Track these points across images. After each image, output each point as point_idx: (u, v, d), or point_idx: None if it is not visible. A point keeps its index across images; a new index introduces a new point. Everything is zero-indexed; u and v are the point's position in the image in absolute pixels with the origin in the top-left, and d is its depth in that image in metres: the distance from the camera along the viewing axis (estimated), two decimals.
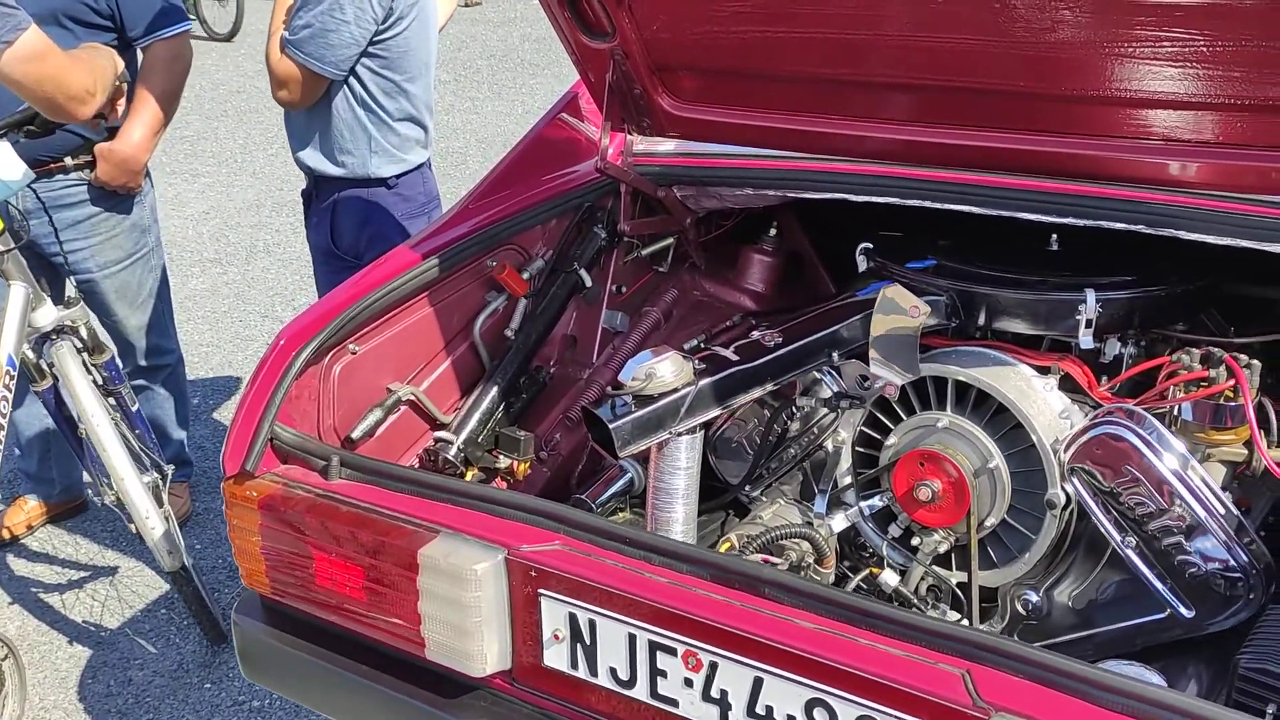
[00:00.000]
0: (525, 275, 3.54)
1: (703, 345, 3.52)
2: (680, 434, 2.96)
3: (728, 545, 3.11)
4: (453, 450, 3.31)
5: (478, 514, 2.72)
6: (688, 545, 2.70)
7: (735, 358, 3.04)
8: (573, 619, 2.52)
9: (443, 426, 3.36)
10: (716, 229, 3.99)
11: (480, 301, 3.51)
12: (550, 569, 2.55)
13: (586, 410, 3.00)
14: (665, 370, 2.93)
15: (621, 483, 3.47)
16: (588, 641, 2.52)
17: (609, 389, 2.96)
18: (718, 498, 3.42)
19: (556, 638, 2.56)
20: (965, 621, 2.97)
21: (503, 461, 3.40)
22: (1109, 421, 2.80)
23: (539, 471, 3.53)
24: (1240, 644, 2.74)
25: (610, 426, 2.89)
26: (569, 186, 3.71)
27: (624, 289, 3.80)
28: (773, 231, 3.97)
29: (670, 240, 3.86)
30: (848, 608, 2.32)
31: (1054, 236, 3.26)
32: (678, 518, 3.04)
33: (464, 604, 2.59)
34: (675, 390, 2.93)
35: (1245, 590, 2.68)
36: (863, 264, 3.37)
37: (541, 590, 2.53)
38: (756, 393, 3.05)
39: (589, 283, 3.64)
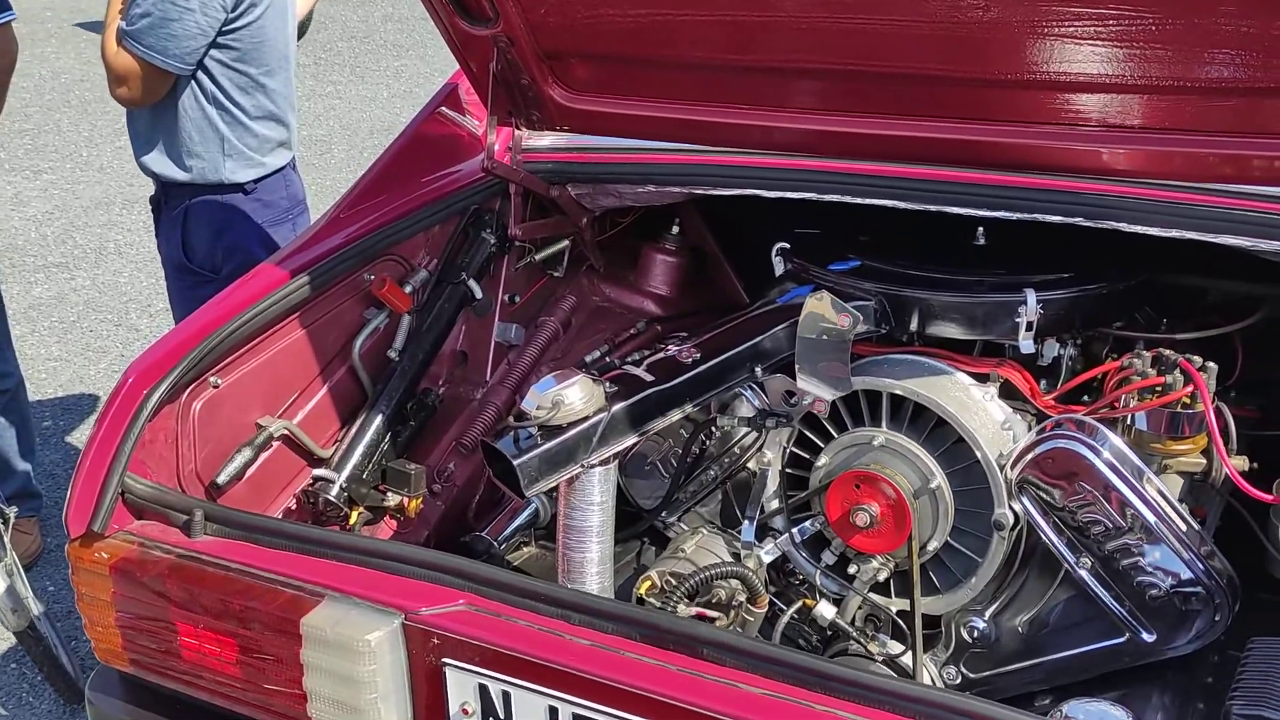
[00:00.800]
0: (407, 289, 3.19)
1: (610, 360, 3.22)
2: (593, 466, 2.66)
3: (648, 584, 2.82)
4: (334, 490, 2.95)
5: (369, 572, 2.41)
6: (613, 602, 2.41)
7: (650, 377, 2.74)
8: (483, 691, 2.23)
9: (322, 463, 3.00)
10: (613, 227, 3.69)
11: (358, 320, 3.15)
12: (455, 635, 2.25)
13: (486, 445, 2.68)
14: (573, 396, 2.62)
15: (526, 515, 3.19)
16: (502, 717, 2.23)
17: (511, 419, 2.64)
18: (632, 525, 3.12)
19: (466, 713, 2.26)
20: (909, 656, 2.74)
21: (391, 499, 3.05)
22: (1059, 434, 2.58)
23: (432, 506, 3.19)
24: (1205, 670, 2.58)
25: (515, 463, 2.57)
26: (452, 189, 3.36)
27: (517, 298, 3.48)
28: (675, 229, 3.69)
29: (565, 243, 3.55)
30: (799, 669, 2.06)
31: (980, 230, 3.04)
32: (592, 558, 2.74)
33: (356, 679, 2.28)
34: (585, 418, 2.62)
35: (1211, 611, 2.50)
36: (779, 266, 3.11)
37: (446, 660, 2.26)
38: (675, 415, 2.77)
39: (479, 294, 3.31)
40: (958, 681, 2.82)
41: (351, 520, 2.98)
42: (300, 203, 4.44)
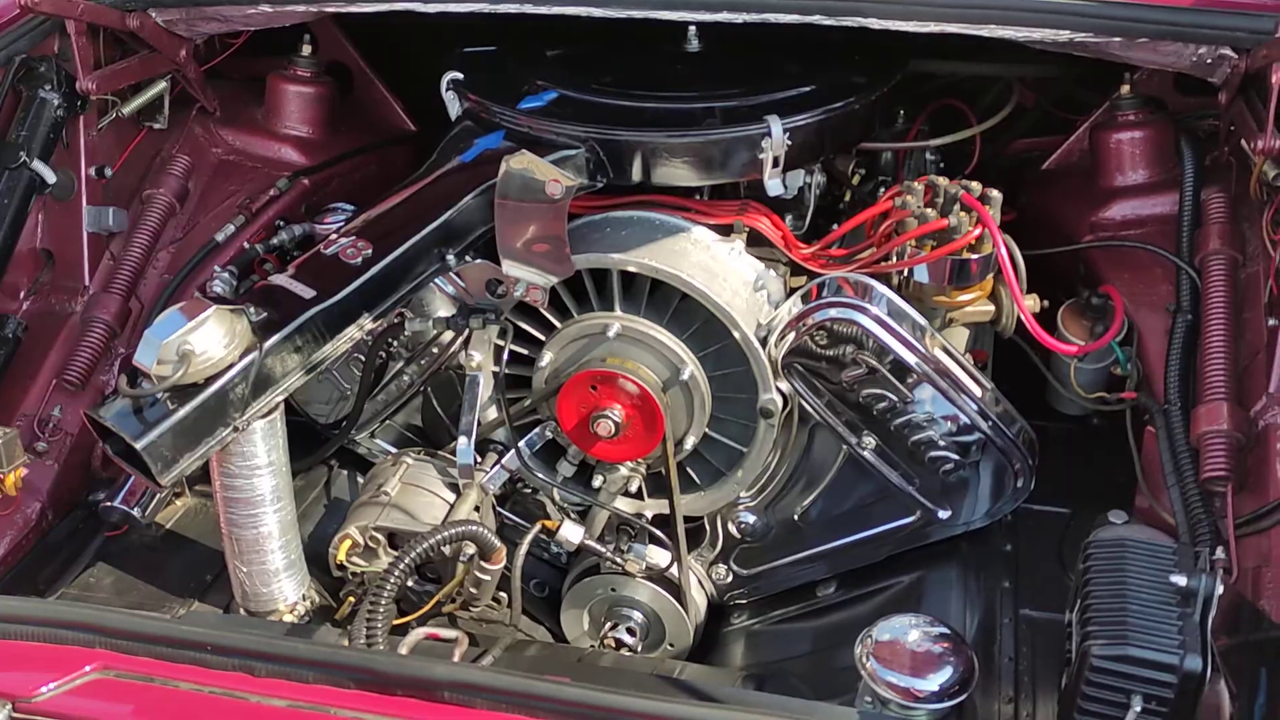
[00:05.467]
0: None
1: (251, 247, 2.48)
2: (252, 422, 1.99)
3: (348, 544, 2.22)
4: None
5: None
6: (310, 644, 1.81)
7: (309, 292, 2.05)
8: None
9: None
10: (224, 50, 2.83)
11: None
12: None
13: (92, 418, 1.94)
14: (208, 340, 1.91)
15: None
16: None
17: (123, 382, 1.91)
18: (313, 450, 2.48)
19: None
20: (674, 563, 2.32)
21: None
22: (827, 301, 2.13)
23: (41, 469, 2.42)
24: (1002, 535, 2.30)
25: (139, 447, 1.87)
26: None
27: (108, 170, 2.64)
28: (306, 49, 2.87)
29: (163, 85, 2.71)
30: (572, 707, 1.57)
31: (692, 31, 2.44)
32: (270, 533, 2.12)
33: None
34: (229, 366, 1.92)
35: (1011, 478, 2.19)
36: (454, 105, 2.41)
37: None
38: (351, 334, 2.10)
39: (50, 176, 2.45)
40: (728, 580, 2.44)
41: None
42: None
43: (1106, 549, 1.76)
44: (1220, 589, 1.65)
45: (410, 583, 2.25)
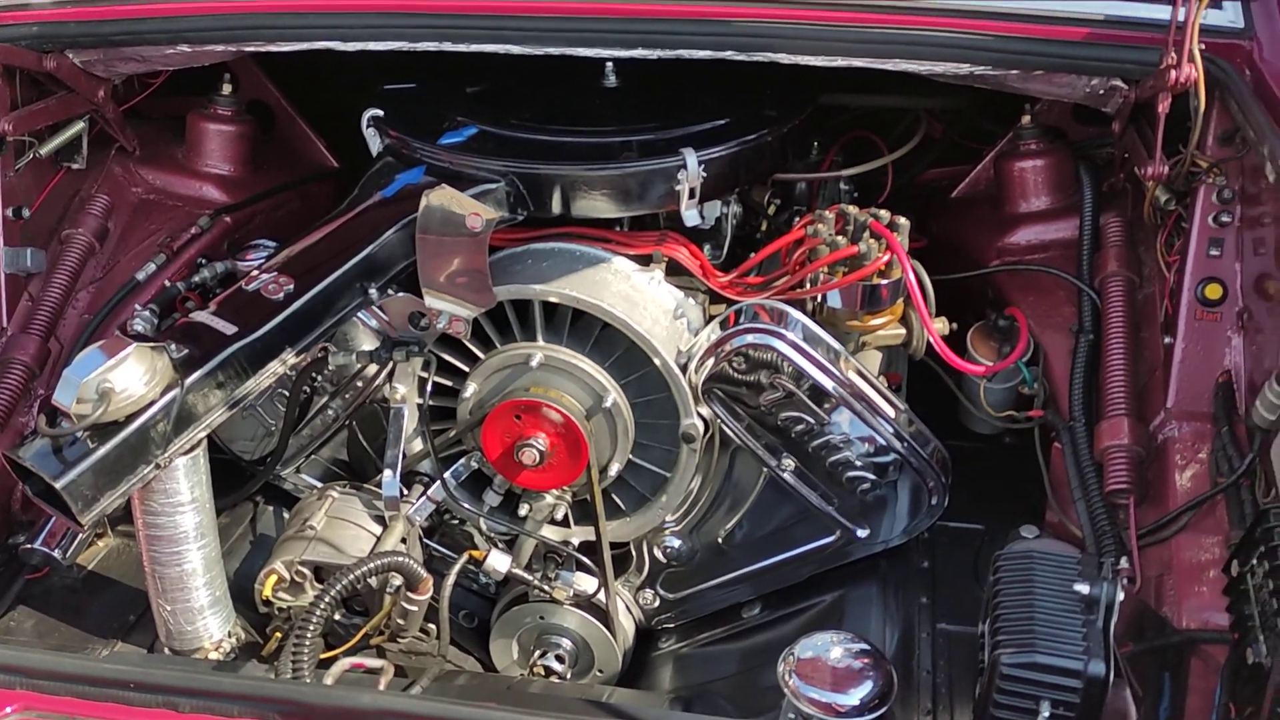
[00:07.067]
0: None
1: (172, 286, 2.48)
2: (174, 459, 1.99)
3: (274, 579, 2.22)
4: None
5: None
6: (236, 677, 1.81)
7: (231, 328, 2.05)
8: None
9: None
10: (143, 90, 2.83)
11: None
12: None
13: (10, 460, 1.93)
14: (129, 378, 1.91)
15: None
16: None
17: (42, 422, 1.90)
18: (236, 487, 2.47)
19: None
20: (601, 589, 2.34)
21: None
22: (744, 327, 2.18)
23: None
24: (920, 553, 2.36)
25: (59, 486, 1.86)
26: None
27: (26, 211, 2.62)
28: (227, 88, 2.88)
29: (81, 125, 2.70)
30: None
31: (609, 66, 2.50)
32: (194, 569, 2.11)
33: None
34: (150, 404, 1.93)
35: (926, 496, 2.25)
36: (375, 141, 2.43)
37: None
38: (275, 370, 2.11)
39: None
40: (656, 604, 2.47)
41: None
42: None
43: (1015, 562, 1.82)
44: (1121, 596, 1.72)
45: (338, 616, 2.25)
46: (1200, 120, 2.10)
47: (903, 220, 2.20)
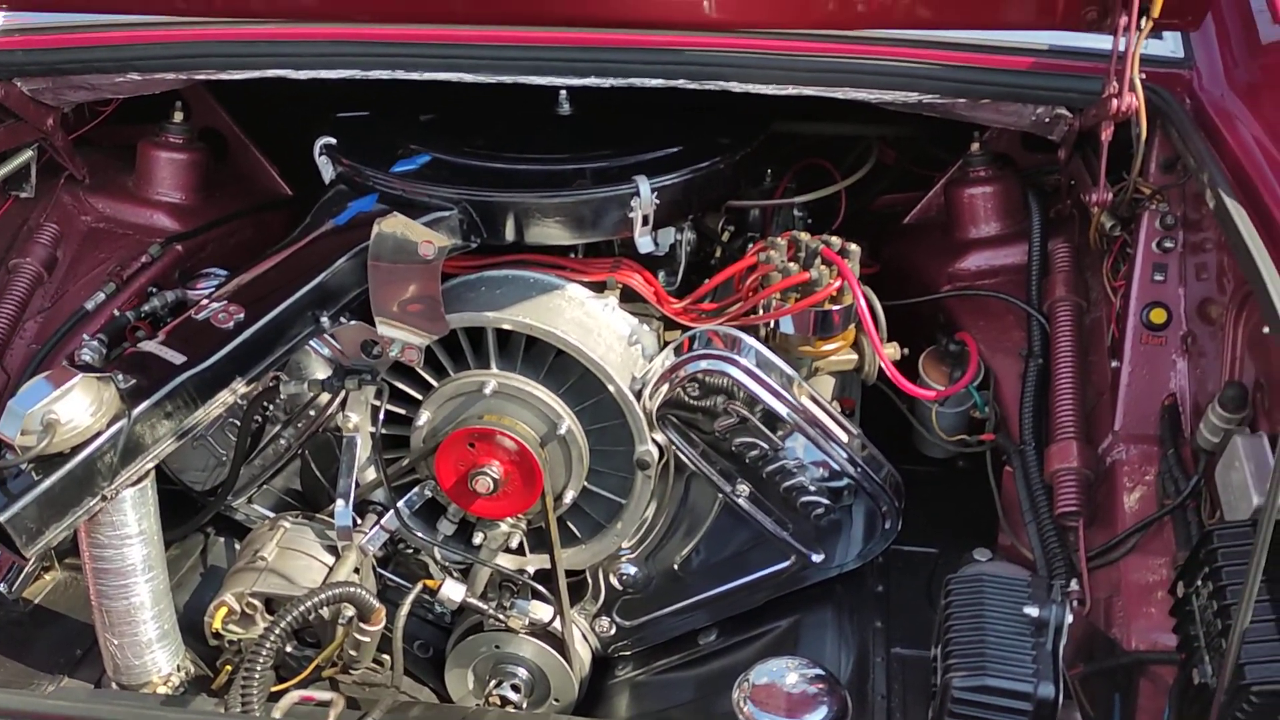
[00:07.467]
0: None
1: (122, 315, 2.46)
2: (121, 491, 1.96)
3: (224, 611, 2.19)
4: None
5: None
6: (179, 711, 1.79)
7: (180, 358, 2.04)
8: None
9: None
10: (93, 118, 2.81)
11: None
12: None
13: None
14: (74, 409, 1.89)
15: None
16: None
17: None
18: (186, 518, 2.44)
19: None
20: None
21: None
22: (698, 354, 2.19)
23: None
24: (874, 577, 2.38)
25: (2, 520, 1.84)
26: None
27: None
28: (178, 116, 2.86)
29: (29, 154, 2.67)
30: None
31: (563, 94, 2.51)
32: (142, 603, 2.08)
33: None
34: (96, 435, 1.90)
35: (879, 520, 2.26)
36: (328, 169, 2.43)
37: None
38: (225, 399, 2.09)
39: None
40: (612, 632, 2.47)
41: None
42: None
43: (966, 585, 1.83)
44: (1070, 618, 1.74)
45: (289, 648, 2.22)
46: (1142, 148, 2.13)
47: (854, 247, 2.22)
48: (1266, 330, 1.73)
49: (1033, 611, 1.74)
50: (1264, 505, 1.30)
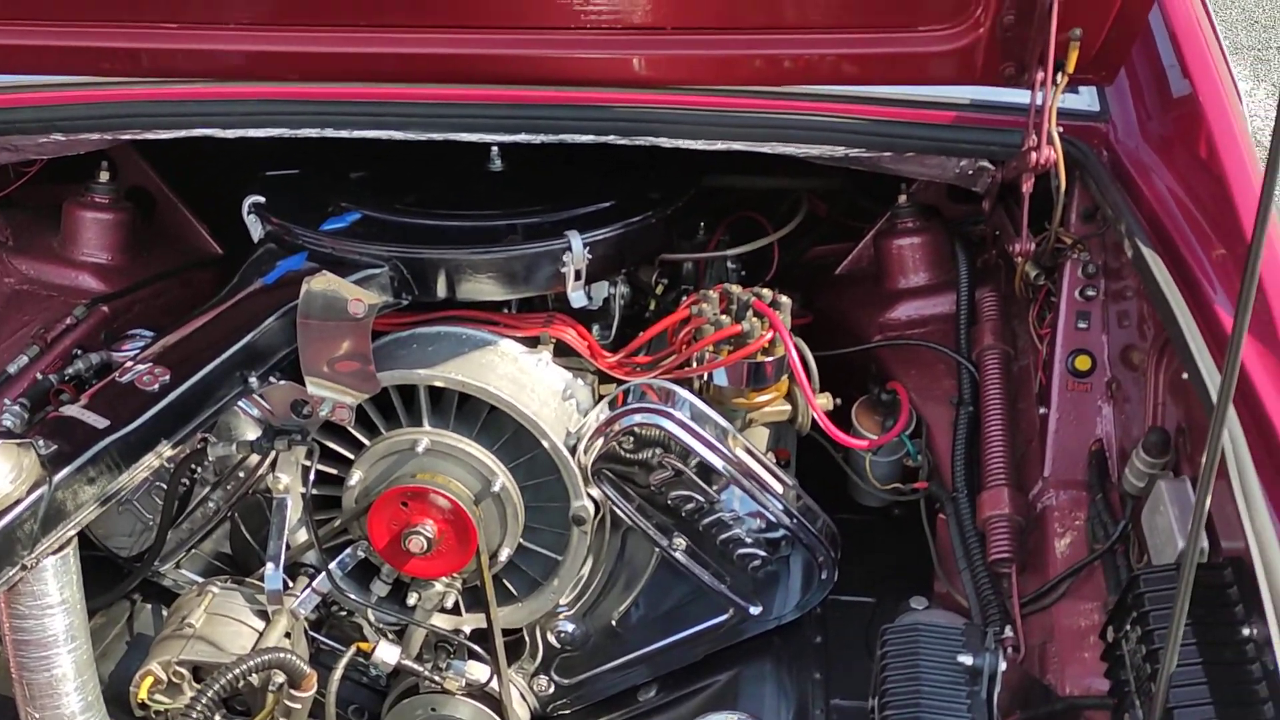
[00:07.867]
0: None
1: (45, 378, 2.41)
2: (42, 559, 1.91)
3: (150, 681, 2.14)
4: None
5: None
6: None
7: (103, 421, 1.99)
8: None
9: None
10: (18, 178, 2.77)
11: None
12: None
13: None
14: None
15: None
16: None
17: None
18: (112, 585, 2.38)
19: None
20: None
21: None
22: (632, 408, 2.19)
23: None
24: (813, 628, 2.37)
25: None
26: None
27: None
28: (104, 175, 2.83)
29: None
30: None
31: (495, 150, 2.52)
32: (64, 674, 2.01)
33: None
34: (16, 502, 1.85)
35: (816, 571, 2.27)
36: (257, 228, 2.41)
37: None
38: (150, 463, 2.05)
39: None
40: (551, 691, 2.44)
41: None
42: None
43: (900, 635, 1.84)
44: (1004, 665, 1.74)
45: (218, 717, 2.17)
46: (1061, 198, 2.18)
47: (785, 299, 2.24)
48: (1185, 376, 1.77)
49: (967, 660, 1.75)
50: (1186, 549, 1.32)
